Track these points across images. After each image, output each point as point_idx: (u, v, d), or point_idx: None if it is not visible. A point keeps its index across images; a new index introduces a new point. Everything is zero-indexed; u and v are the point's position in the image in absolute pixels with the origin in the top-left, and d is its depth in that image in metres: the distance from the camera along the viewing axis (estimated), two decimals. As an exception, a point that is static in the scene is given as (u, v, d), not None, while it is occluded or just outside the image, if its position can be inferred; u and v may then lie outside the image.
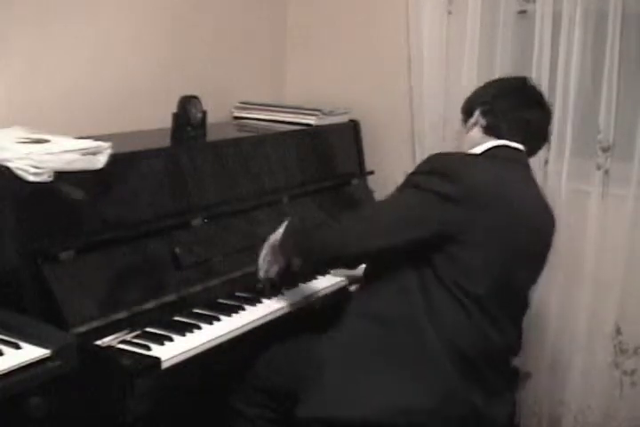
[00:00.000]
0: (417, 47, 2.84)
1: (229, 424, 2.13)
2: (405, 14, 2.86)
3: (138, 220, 2.05)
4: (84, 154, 1.82)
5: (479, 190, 1.85)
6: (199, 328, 1.96)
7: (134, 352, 1.78)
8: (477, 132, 2.05)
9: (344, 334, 1.96)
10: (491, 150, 2.00)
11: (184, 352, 1.84)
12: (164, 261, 2.05)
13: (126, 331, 1.87)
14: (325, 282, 2.34)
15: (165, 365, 1.77)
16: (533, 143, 2.07)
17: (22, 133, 1.94)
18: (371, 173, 2.94)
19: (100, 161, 1.84)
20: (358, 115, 2.95)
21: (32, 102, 2.22)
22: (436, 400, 1.86)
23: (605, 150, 2.60)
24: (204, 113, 2.44)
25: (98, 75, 2.41)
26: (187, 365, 1.84)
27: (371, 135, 2.97)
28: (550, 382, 2.79)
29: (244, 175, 2.42)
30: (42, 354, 1.54)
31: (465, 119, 2.10)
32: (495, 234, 1.86)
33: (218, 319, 2.02)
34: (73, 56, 2.34)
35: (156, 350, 1.81)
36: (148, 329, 1.91)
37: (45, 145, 1.83)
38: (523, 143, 2.02)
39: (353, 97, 2.99)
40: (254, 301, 2.15)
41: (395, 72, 2.94)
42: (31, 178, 1.72)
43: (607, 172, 2.61)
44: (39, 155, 1.74)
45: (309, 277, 2.35)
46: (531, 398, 2.81)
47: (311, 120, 2.82)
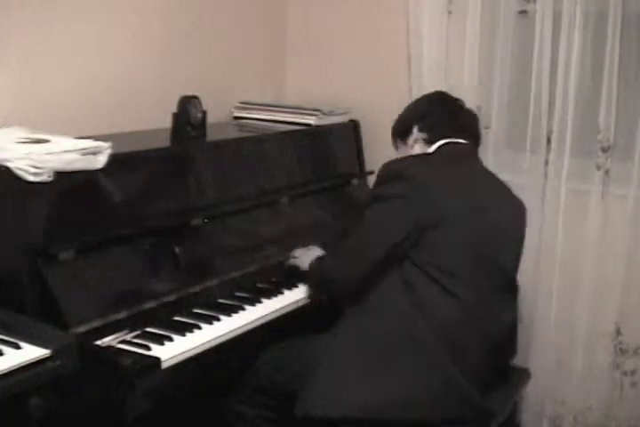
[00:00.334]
0: (417, 47, 2.84)
1: (229, 425, 2.13)
2: (405, 14, 2.86)
3: (138, 220, 2.05)
4: (84, 154, 1.82)
5: (431, 181, 1.99)
6: (199, 328, 1.96)
7: (134, 352, 1.78)
8: (421, 146, 2.20)
9: (337, 334, 2.01)
10: (440, 148, 2.15)
11: (184, 352, 1.84)
12: (164, 261, 2.05)
13: (126, 331, 1.87)
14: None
15: (165, 365, 1.77)
16: (472, 142, 2.22)
17: (22, 133, 1.94)
18: (371, 173, 2.93)
19: (100, 161, 1.84)
20: (358, 115, 2.95)
21: (32, 102, 2.21)
22: (431, 391, 1.89)
23: (605, 150, 2.60)
24: (204, 113, 2.44)
25: (98, 75, 2.41)
26: (187, 365, 1.85)
27: (371, 135, 2.97)
28: (550, 382, 2.79)
29: (244, 175, 2.41)
30: (42, 354, 1.54)
31: (402, 140, 2.25)
32: (461, 215, 1.98)
33: (218, 319, 2.02)
34: (73, 56, 2.34)
35: (156, 350, 1.81)
36: (148, 329, 1.91)
37: (45, 145, 1.83)
38: (463, 137, 2.18)
39: (353, 97, 3.00)
40: (254, 301, 2.15)
41: (395, 72, 2.94)
42: (31, 178, 1.72)
43: (607, 172, 2.61)
44: (39, 155, 1.74)
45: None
46: (531, 398, 2.80)
47: (311, 120, 2.82)
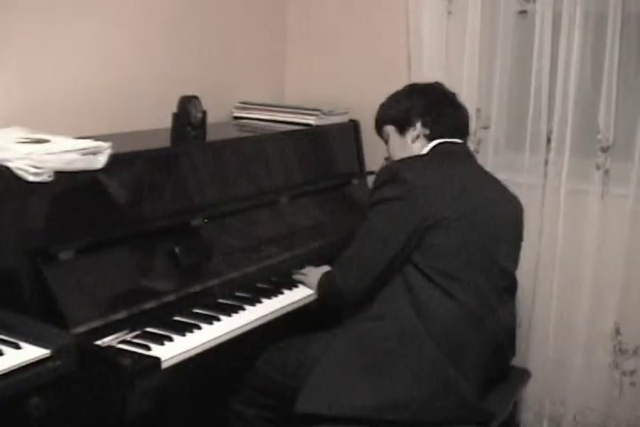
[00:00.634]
0: (417, 47, 2.84)
1: (229, 425, 2.13)
2: (405, 14, 2.86)
3: (138, 220, 2.05)
4: (84, 154, 1.82)
5: (427, 182, 2.00)
6: (199, 328, 1.96)
7: (134, 352, 1.78)
8: (422, 142, 2.19)
9: (337, 334, 2.01)
10: (435, 148, 2.16)
11: (184, 352, 1.84)
12: (164, 261, 2.05)
13: (126, 331, 1.87)
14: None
15: (165, 365, 1.77)
16: (463, 138, 2.24)
17: (22, 133, 1.94)
18: (371, 173, 2.93)
19: (100, 161, 1.84)
20: (358, 115, 2.95)
21: (32, 102, 2.22)
22: (429, 393, 1.89)
23: (605, 150, 2.60)
24: (204, 113, 2.44)
25: (98, 75, 2.41)
26: (187, 365, 1.85)
27: (371, 135, 2.96)
28: (550, 382, 2.79)
29: (244, 175, 2.42)
30: (42, 354, 1.54)
31: (400, 131, 2.23)
32: (460, 215, 1.98)
33: (218, 319, 2.02)
34: (73, 56, 2.34)
35: (156, 350, 1.81)
36: (148, 329, 1.91)
37: (45, 145, 1.83)
38: (461, 137, 2.22)
39: (353, 97, 3.00)
40: (254, 301, 2.15)
41: (395, 72, 2.94)
42: (31, 178, 1.72)
43: (607, 172, 2.62)
44: (39, 155, 1.74)
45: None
46: (531, 397, 2.81)
47: (311, 120, 2.82)
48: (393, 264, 2.00)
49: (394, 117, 2.26)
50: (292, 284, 2.29)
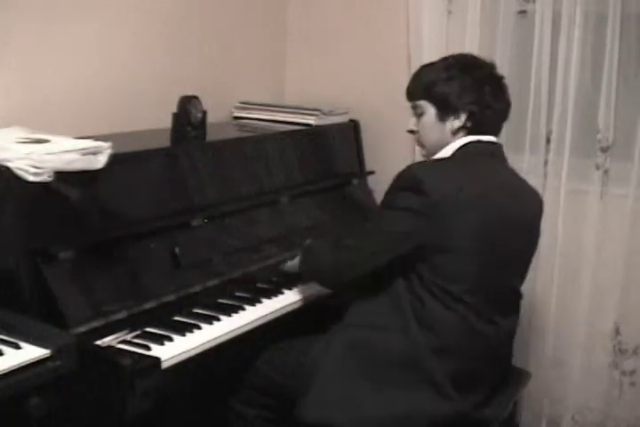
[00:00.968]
0: (417, 47, 2.84)
1: (229, 425, 2.13)
2: (405, 14, 2.87)
3: (138, 220, 2.05)
4: (84, 154, 1.82)
5: (447, 199, 1.85)
6: (199, 328, 1.96)
7: (134, 352, 1.78)
8: (460, 133, 2.01)
9: (337, 344, 1.97)
10: (463, 148, 1.99)
11: (184, 352, 1.84)
12: (164, 261, 2.05)
13: (126, 331, 1.87)
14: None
15: (165, 365, 1.77)
16: (498, 135, 2.07)
17: (22, 133, 1.94)
18: (371, 173, 2.94)
19: (100, 161, 1.84)
20: (358, 115, 2.95)
21: (32, 102, 2.22)
22: (430, 409, 1.87)
23: (605, 150, 2.60)
24: (204, 113, 2.44)
25: (98, 75, 2.41)
26: (187, 365, 1.85)
27: (371, 135, 2.97)
28: (550, 381, 2.79)
29: (244, 175, 2.42)
30: (42, 354, 1.54)
31: (441, 115, 2.01)
32: (474, 243, 1.88)
33: (218, 319, 2.02)
34: (73, 56, 2.34)
35: (156, 350, 1.81)
36: (148, 329, 1.91)
37: (45, 145, 1.83)
38: (496, 134, 2.04)
39: (353, 97, 3.00)
40: (254, 301, 2.15)
41: (395, 72, 2.94)
42: (31, 178, 1.72)
43: (606, 172, 2.62)
44: (39, 155, 1.74)
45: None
46: (530, 397, 2.81)
47: (311, 120, 2.82)
48: (388, 266, 1.94)
49: (439, 98, 2.00)
50: (293, 284, 2.29)
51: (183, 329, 1.93)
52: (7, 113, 2.13)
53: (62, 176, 1.77)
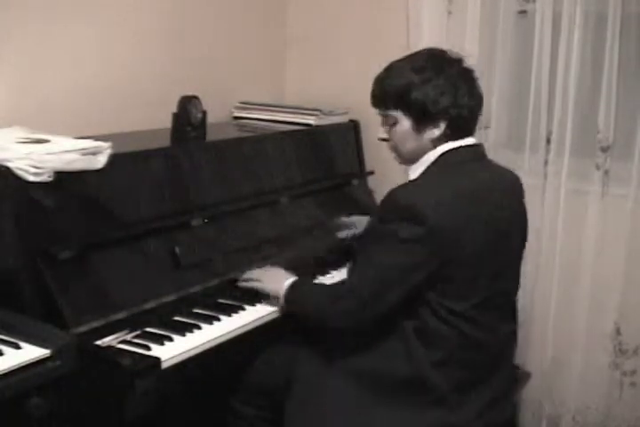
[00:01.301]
0: (417, 47, 2.83)
1: (228, 425, 2.13)
2: (405, 14, 2.86)
3: (138, 220, 2.05)
4: (84, 154, 1.82)
5: (446, 221, 1.77)
6: (199, 328, 1.96)
7: (134, 352, 1.78)
8: (439, 142, 1.89)
9: (342, 375, 1.90)
10: (443, 157, 1.88)
11: (184, 352, 1.84)
12: (164, 261, 2.05)
13: (126, 331, 1.87)
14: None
15: (165, 365, 1.77)
16: (474, 133, 1.95)
17: (22, 133, 1.94)
18: (371, 173, 2.94)
19: (100, 161, 1.84)
20: (358, 115, 2.94)
21: (32, 102, 2.22)
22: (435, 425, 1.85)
23: (605, 150, 2.60)
24: (204, 113, 2.44)
25: (98, 75, 2.41)
26: (187, 365, 1.85)
27: (371, 135, 2.96)
28: (550, 382, 2.79)
29: (244, 175, 2.41)
30: (42, 354, 1.54)
31: (417, 125, 1.87)
32: (476, 251, 1.83)
33: (218, 319, 2.02)
34: (73, 56, 2.34)
35: (156, 350, 1.81)
36: (148, 329, 1.91)
37: (45, 145, 1.83)
38: (473, 132, 1.94)
39: (353, 97, 2.99)
40: (254, 301, 2.14)
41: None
42: (31, 178, 1.72)
43: (607, 172, 2.61)
44: (39, 155, 1.74)
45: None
46: (530, 398, 2.81)
47: (311, 120, 2.82)
48: (402, 303, 1.83)
49: (414, 107, 1.85)
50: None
51: (183, 329, 1.93)
52: (7, 113, 2.13)
53: (62, 176, 1.77)
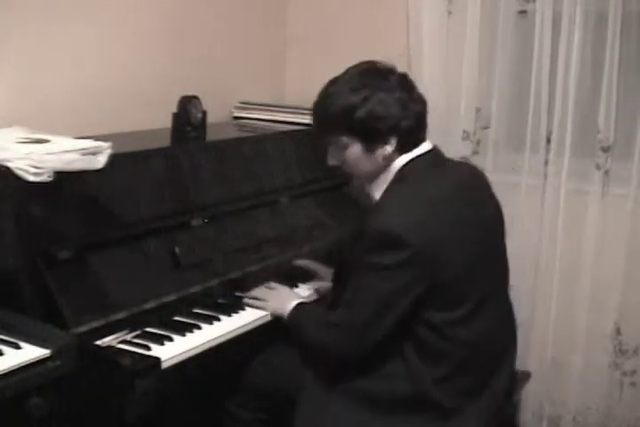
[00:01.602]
0: (417, 47, 2.84)
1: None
2: (405, 14, 2.86)
3: (138, 220, 2.04)
4: (84, 154, 1.82)
5: (426, 240, 1.72)
6: (199, 328, 1.96)
7: (134, 352, 1.78)
8: (393, 156, 1.84)
9: (341, 398, 1.88)
10: (402, 171, 1.84)
11: (184, 352, 1.84)
12: (164, 261, 2.05)
13: (126, 331, 1.87)
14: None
15: (165, 365, 1.77)
16: (425, 136, 1.89)
17: (22, 133, 1.94)
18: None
19: (100, 161, 1.84)
20: (358, 115, 2.94)
21: (32, 102, 2.21)
22: None
23: (605, 150, 2.60)
24: (204, 113, 2.44)
25: (98, 75, 2.41)
26: (187, 365, 1.84)
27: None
28: (550, 382, 2.79)
29: (244, 175, 2.41)
30: (42, 354, 1.54)
31: (367, 146, 1.82)
32: (467, 259, 1.80)
33: (218, 319, 2.02)
34: (73, 56, 2.34)
35: (156, 350, 1.81)
36: (148, 329, 1.91)
37: (45, 145, 1.83)
38: (425, 137, 1.88)
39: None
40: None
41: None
42: (31, 178, 1.72)
43: (607, 172, 2.62)
44: (39, 155, 1.74)
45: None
46: (530, 398, 2.81)
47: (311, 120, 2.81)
48: (398, 325, 1.80)
49: (360, 128, 1.81)
50: (293, 284, 2.29)
51: (183, 329, 1.93)
52: (7, 113, 2.13)
53: (62, 176, 1.77)
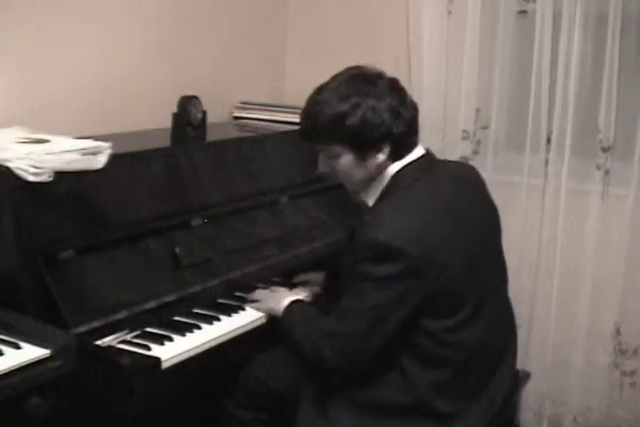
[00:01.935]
0: (417, 47, 2.84)
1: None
2: (405, 14, 2.86)
3: (138, 220, 2.05)
4: (84, 154, 1.82)
5: (423, 249, 1.69)
6: (199, 328, 1.96)
7: (134, 352, 1.78)
8: (385, 164, 1.81)
9: (338, 408, 1.85)
10: (395, 178, 1.81)
11: (184, 352, 1.84)
12: (164, 261, 2.05)
13: (126, 331, 1.87)
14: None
15: (165, 365, 1.77)
16: (417, 140, 1.86)
17: (22, 133, 1.94)
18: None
19: (100, 161, 1.84)
20: (358, 115, 2.94)
21: (32, 102, 2.21)
22: None
23: (605, 150, 2.60)
24: (204, 113, 2.44)
25: (98, 75, 2.41)
26: (187, 365, 1.84)
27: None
28: (550, 382, 2.79)
29: (244, 175, 2.42)
30: (42, 354, 1.54)
31: (359, 155, 1.79)
32: (465, 264, 1.77)
33: (218, 319, 2.02)
34: (73, 56, 2.33)
35: (156, 350, 1.81)
36: (148, 329, 1.91)
37: (45, 145, 1.83)
38: (417, 142, 1.85)
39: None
40: (254, 301, 2.14)
41: (395, 72, 2.90)
42: (31, 178, 1.72)
43: (607, 172, 2.62)
44: (39, 155, 1.74)
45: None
46: (531, 398, 2.80)
47: (311, 120, 2.81)
48: (394, 336, 1.77)
49: (352, 138, 1.77)
50: (293, 284, 2.29)
51: (183, 329, 1.93)
52: (7, 113, 2.13)
53: (62, 176, 1.77)
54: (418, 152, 1.85)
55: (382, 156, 1.79)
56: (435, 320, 1.77)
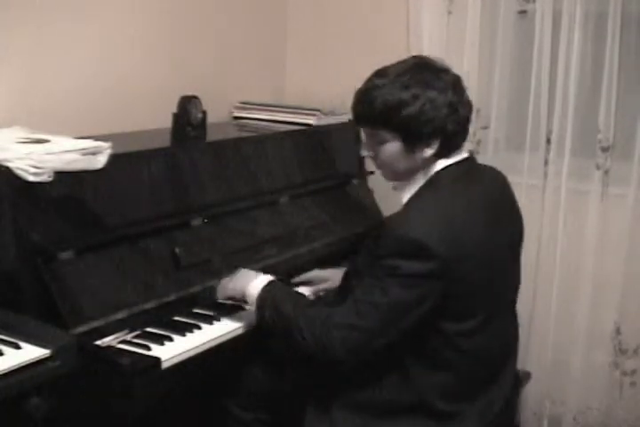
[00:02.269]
0: (417, 47, 2.84)
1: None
2: (405, 14, 2.87)
3: (138, 220, 2.04)
4: (84, 154, 1.82)
5: (451, 252, 1.67)
6: (199, 328, 1.96)
7: (134, 352, 1.78)
8: (430, 160, 1.78)
9: (340, 408, 1.86)
10: (436, 176, 1.79)
11: (184, 352, 1.84)
12: (164, 261, 2.05)
13: (126, 331, 1.87)
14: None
15: (165, 365, 1.77)
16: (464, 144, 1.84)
17: (22, 133, 1.94)
18: (371, 173, 2.93)
19: (100, 161, 1.84)
20: (358, 115, 2.94)
21: (32, 102, 2.22)
22: None
23: (605, 150, 2.60)
24: (204, 113, 2.44)
25: (98, 75, 2.41)
26: (187, 365, 1.85)
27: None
28: (550, 382, 2.79)
29: (244, 175, 2.41)
30: (42, 354, 1.54)
31: (408, 145, 1.75)
32: (486, 272, 1.76)
33: (218, 319, 2.02)
34: (73, 56, 2.34)
35: (156, 350, 1.81)
36: (148, 329, 1.91)
37: (45, 145, 1.83)
38: (463, 144, 1.84)
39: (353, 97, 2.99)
40: (254, 301, 2.15)
41: (395, 72, 2.93)
42: (31, 178, 1.72)
43: (607, 172, 2.62)
44: (39, 155, 1.74)
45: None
46: (530, 398, 2.81)
47: (311, 120, 2.81)
48: (404, 335, 1.75)
49: (405, 127, 1.73)
50: (293, 284, 2.29)
51: (183, 329, 1.93)
52: (7, 113, 2.13)
53: (62, 176, 1.77)
54: (463, 154, 1.84)
55: (430, 151, 1.76)
56: (446, 322, 1.75)
